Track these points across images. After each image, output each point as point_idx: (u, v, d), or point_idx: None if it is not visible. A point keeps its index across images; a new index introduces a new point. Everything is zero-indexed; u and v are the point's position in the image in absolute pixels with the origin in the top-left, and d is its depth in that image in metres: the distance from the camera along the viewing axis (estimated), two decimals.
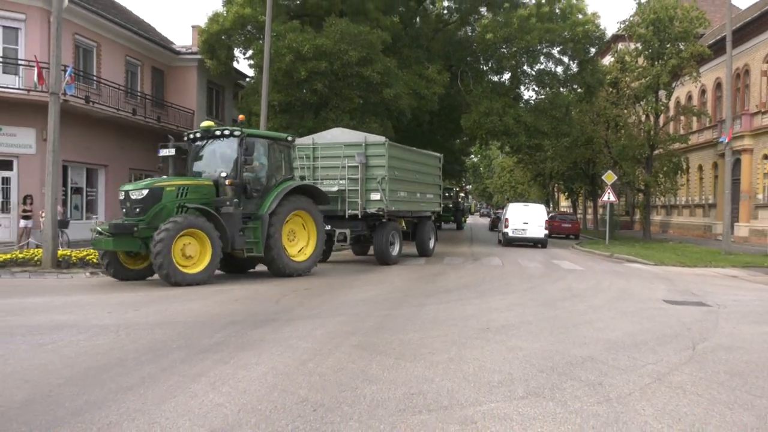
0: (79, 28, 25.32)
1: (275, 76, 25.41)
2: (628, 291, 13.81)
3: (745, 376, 6.56)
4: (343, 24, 25.18)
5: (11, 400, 5.29)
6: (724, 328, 9.37)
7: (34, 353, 6.94)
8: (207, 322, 8.99)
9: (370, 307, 10.73)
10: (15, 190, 22.80)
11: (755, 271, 18.93)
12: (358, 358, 6.94)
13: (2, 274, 14.63)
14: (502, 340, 8.06)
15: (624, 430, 4.88)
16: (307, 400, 5.44)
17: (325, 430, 4.73)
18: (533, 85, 34.38)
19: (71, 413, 5.00)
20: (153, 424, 4.80)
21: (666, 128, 37.73)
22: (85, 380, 5.92)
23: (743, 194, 33.30)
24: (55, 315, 9.42)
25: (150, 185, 13.62)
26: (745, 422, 5.14)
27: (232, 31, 28.21)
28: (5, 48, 22.82)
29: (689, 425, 5.02)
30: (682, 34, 32.62)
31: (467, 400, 5.53)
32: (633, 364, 6.96)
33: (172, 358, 6.82)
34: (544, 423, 4.99)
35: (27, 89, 22.10)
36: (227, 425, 4.81)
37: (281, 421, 4.90)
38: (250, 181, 14.35)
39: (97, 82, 26.34)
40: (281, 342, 7.72)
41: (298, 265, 15.02)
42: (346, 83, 25.73)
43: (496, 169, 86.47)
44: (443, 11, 35.07)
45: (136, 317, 9.33)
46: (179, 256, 12.69)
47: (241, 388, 5.74)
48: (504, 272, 17.41)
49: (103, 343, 7.53)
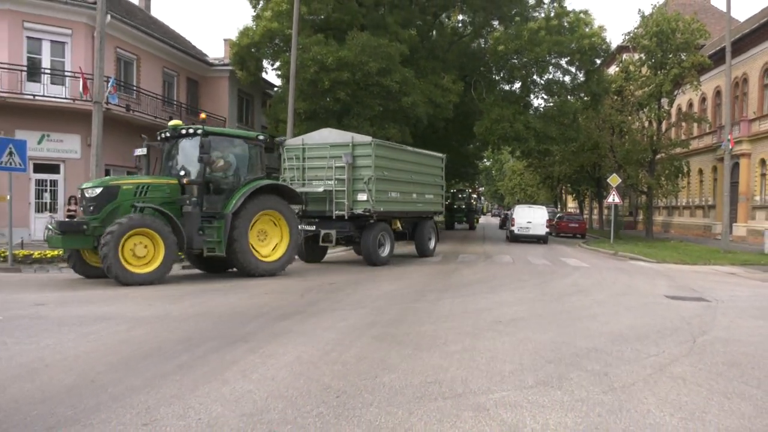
0: (121, 42, 25.56)
1: (301, 85, 25.52)
2: (632, 287, 13.70)
3: (742, 368, 6.49)
4: (364, 37, 25.22)
5: (60, 385, 5.36)
6: (722, 322, 9.27)
7: (80, 342, 7.02)
8: (238, 314, 9.05)
9: (390, 300, 10.74)
10: (61, 192, 23.07)
11: (752, 269, 18.72)
12: (378, 349, 6.95)
13: (50, 269, 14.82)
14: (513, 332, 8.04)
15: (627, 417, 4.84)
16: (330, 387, 5.46)
17: (347, 416, 4.74)
18: (542, 94, 34.25)
19: (113, 398, 5.05)
20: (188, 408, 4.84)
21: (668, 134, 37.45)
22: (126, 367, 5.98)
23: (741, 196, 33.02)
24: (99, 307, 9.52)
25: (104, 183, 12.97)
26: (742, 411, 5.09)
27: (260, 44, 28.37)
28: (53, 61, 23.10)
29: (689, 413, 4.98)
30: (684, 45, 32.49)
31: (480, 389, 5.52)
32: (636, 355, 6.91)
33: (206, 347, 6.87)
34: (552, 410, 4.97)
35: (73, 99, 22.35)
36: (256, 410, 4.83)
37: (306, 407, 4.92)
38: (214, 180, 13.48)
39: (136, 92, 26.58)
40: (307, 333, 7.75)
41: (267, 266, 13.98)
42: (367, 92, 25.77)
43: (507, 172, 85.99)
44: (458, 25, 35.03)
45: (174, 309, 9.41)
46: (130, 256, 11.97)
47: (269, 376, 5.77)
48: (514, 269, 17.33)
49: (143, 333, 7.60)
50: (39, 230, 22.61)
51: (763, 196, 31.60)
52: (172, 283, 12.61)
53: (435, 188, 21.14)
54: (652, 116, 35.04)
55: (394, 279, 14.31)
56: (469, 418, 4.76)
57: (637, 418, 4.85)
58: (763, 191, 31.71)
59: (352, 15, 28.24)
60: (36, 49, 22.87)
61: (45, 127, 22.61)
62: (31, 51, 22.78)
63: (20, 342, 6.94)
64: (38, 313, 8.88)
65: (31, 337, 7.21)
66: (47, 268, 14.81)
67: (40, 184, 23.00)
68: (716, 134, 36.44)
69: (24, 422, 4.48)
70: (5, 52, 21.91)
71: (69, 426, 4.43)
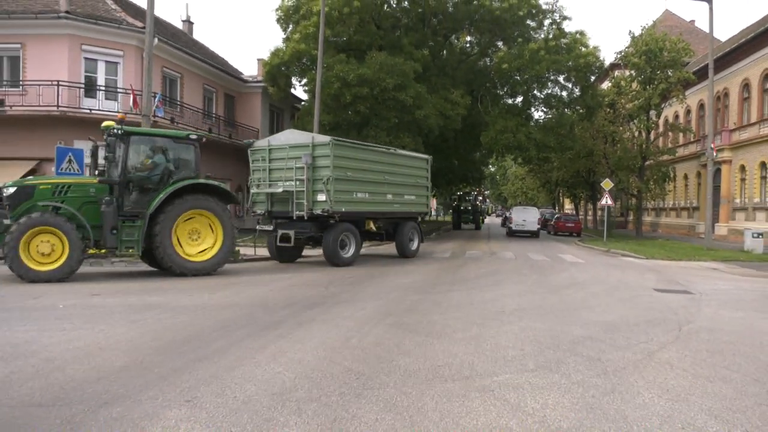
0: (166, 62, 25.77)
1: (325, 100, 25.65)
2: (623, 281, 13.56)
3: (724, 354, 6.40)
4: (381, 57, 25.28)
5: (112, 366, 5.41)
6: (706, 312, 9.17)
7: (129, 328, 7.08)
8: (269, 304, 9.08)
9: (404, 293, 10.72)
10: None
11: (733, 264, 18.48)
12: (394, 336, 6.94)
13: (104, 263, 14.97)
14: (515, 322, 7.99)
15: (619, 399, 4.80)
16: (351, 369, 5.46)
17: (366, 395, 4.74)
18: (542, 107, 34.21)
19: (159, 377, 5.09)
20: (224, 388, 4.86)
21: (656, 142, 37.19)
22: (169, 351, 6.02)
23: (723, 199, 32.67)
24: (145, 297, 9.60)
25: (20, 183, 12.05)
26: (724, 393, 5.02)
27: (290, 63, 28.57)
28: (107, 79, 23.31)
29: (675, 395, 4.93)
30: (671, 63, 32.41)
31: (485, 372, 5.49)
32: (627, 343, 6.85)
33: (240, 333, 6.90)
34: (551, 392, 4.93)
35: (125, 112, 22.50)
36: (285, 389, 4.85)
37: (329, 387, 4.93)
38: (135, 180, 12.20)
39: (180, 106, 26.77)
40: (329, 321, 7.75)
41: (195, 265, 12.54)
42: (384, 106, 25.83)
43: (510, 177, 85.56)
44: (466, 45, 35.02)
45: (211, 300, 9.46)
46: (35, 253, 11.06)
47: (296, 359, 5.79)
48: (516, 264, 17.24)
49: (184, 320, 7.65)
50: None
51: (743, 198, 31.24)
52: (204, 277, 12.61)
53: (417, 189, 18.92)
54: (641, 127, 34.89)
55: (406, 273, 14.28)
56: (476, 398, 4.74)
57: (628, 399, 4.80)
58: (742, 194, 31.36)
59: (371, 37, 28.34)
60: (92, 68, 23.11)
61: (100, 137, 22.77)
62: (88, 70, 23.02)
63: (78, 328, 7.02)
64: (93, 302, 8.98)
65: (87, 323, 7.29)
66: (101, 263, 14.96)
67: None
68: (700, 143, 36.10)
69: (81, 398, 4.53)
70: (65, 71, 22.20)
71: (121, 402, 4.47)
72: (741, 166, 31.42)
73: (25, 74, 22.28)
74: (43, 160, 22.01)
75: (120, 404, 4.42)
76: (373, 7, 28.24)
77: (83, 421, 4.09)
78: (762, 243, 22.46)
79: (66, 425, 4.02)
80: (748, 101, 31.54)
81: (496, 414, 4.40)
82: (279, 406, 4.46)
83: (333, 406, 4.49)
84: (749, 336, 7.46)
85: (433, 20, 31.75)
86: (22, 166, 22.01)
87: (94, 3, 24.03)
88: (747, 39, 30.59)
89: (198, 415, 4.25)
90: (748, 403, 4.80)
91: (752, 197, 30.08)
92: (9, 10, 22.19)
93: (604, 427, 4.18)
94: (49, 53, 22.26)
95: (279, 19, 30.74)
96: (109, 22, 22.78)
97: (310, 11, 27.45)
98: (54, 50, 22.30)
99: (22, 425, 4.00)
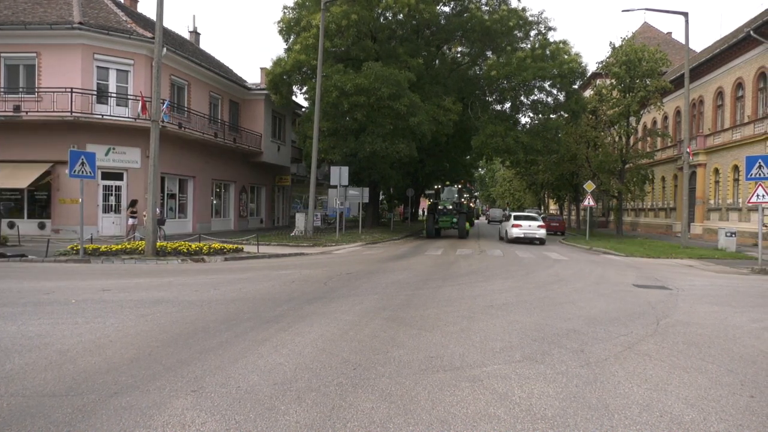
0: (174, 70, 25.69)
1: (324, 107, 25.64)
2: (605, 277, 13.58)
3: (699, 346, 6.41)
4: (377, 67, 25.26)
5: (122, 358, 5.38)
6: (682, 307, 9.18)
7: (138, 322, 7.06)
8: (271, 299, 9.06)
9: (398, 288, 10.71)
10: (124, 196, 23.20)
11: (707, 262, 18.51)
12: (389, 329, 6.93)
13: (114, 260, 14.92)
14: (503, 315, 7.99)
15: (601, 388, 4.80)
16: (348, 360, 5.45)
17: (363, 385, 4.73)
18: (529, 112, 34.19)
19: (166, 368, 5.07)
20: (229, 378, 4.85)
21: (635, 147, 37.23)
22: (177, 343, 6.00)
23: (698, 200, 32.76)
24: (154, 292, 9.57)
25: None
26: (699, 383, 5.03)
27: (291, 72, 28.54)
28: (118, 86, 23.23)
29: (654, 385, 4.93)
30: (649, 72, 32.66)
31: (475, 363, 5.49)
32: (608, 335, 6.85)
33: (244, 326, 6.88)
34: (536, 382, 4.93)
35: (134, 117, 22.50)
36: (286, 379, 4.83)
37: (328, 377, 4.92)
38: None
39: (187, 112, 26.69)
40: (328, 315, 7.74)
41: None
42: (380, 113, 25.82)
43: (498, 179, 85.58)
44: (457, 55, 35.04)
45: (216, 295, 9.43)
46: None
47: (297, 351, 5.77)
48: (504, 261, 17.24)
49: (190, 314, 7.63)
50: (106, 228, 22.85)
51: (717, 199, 31.32)
52: (209, 274, 12.64)
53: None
54: (621, 132, 35.14)
55: (401, 270, 14.26)
56: (466, 387, 4.74)
57: (609, 388, 4.80)
58: (716, 196, 31.44)
59: (367, 49, 28.30)
60: (104, 76, 23.03)
61: (111, 141, 22.78)
62: (100, 78, 22.94)
63: (89, 321, 6.99)
64: (104, 297, 8.94)
65: (98, 317, 7.26)
66: (112, 260, 14.91)
67: (106, 190, 23.16)
68: (677, 147, 36.21)
69: (92, 388, 4.50)
70: (79, 79, 22.12)
71: (130, 392, 4.45)
72: (715, 169, 31.51)
73: (40, 82, 22.21)
74: (57, 163, 21.99)
75: (129, 394, 4.40)
76: (370, 20, 28.20)
77: (94, 410, 4.07)
78: (735, 241, 22.54)
79: (78, 414, 4.00)
80: (722, 108, 31.66)
81: (485, 402, 4.39)
82: (280, 395, 4.45)
83: (331, 395, 4.47)
84: (723, 329, 7.47)
85: (426, 31, 31.75)
86: (37, 168, 21.98)
87: (106, 15, 23.95)
88: (721, 50, 30.69)
89: (203, 403, 4.24)
90: (722, 393, 4.80)
91: (726, 198, 30.18)
92: (26, 21, 22.14)
93: (587, 415, 4.18)
94: (63, 62, 22.20)
95: (281, 31, 30.71)
96: (120, 32, 22.71)
97: (310, 24, 27.43)
98: (68, 59, 22.23)
99: (36, 414, 3.98)
